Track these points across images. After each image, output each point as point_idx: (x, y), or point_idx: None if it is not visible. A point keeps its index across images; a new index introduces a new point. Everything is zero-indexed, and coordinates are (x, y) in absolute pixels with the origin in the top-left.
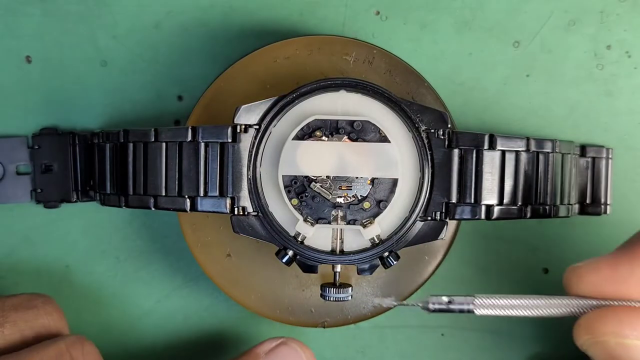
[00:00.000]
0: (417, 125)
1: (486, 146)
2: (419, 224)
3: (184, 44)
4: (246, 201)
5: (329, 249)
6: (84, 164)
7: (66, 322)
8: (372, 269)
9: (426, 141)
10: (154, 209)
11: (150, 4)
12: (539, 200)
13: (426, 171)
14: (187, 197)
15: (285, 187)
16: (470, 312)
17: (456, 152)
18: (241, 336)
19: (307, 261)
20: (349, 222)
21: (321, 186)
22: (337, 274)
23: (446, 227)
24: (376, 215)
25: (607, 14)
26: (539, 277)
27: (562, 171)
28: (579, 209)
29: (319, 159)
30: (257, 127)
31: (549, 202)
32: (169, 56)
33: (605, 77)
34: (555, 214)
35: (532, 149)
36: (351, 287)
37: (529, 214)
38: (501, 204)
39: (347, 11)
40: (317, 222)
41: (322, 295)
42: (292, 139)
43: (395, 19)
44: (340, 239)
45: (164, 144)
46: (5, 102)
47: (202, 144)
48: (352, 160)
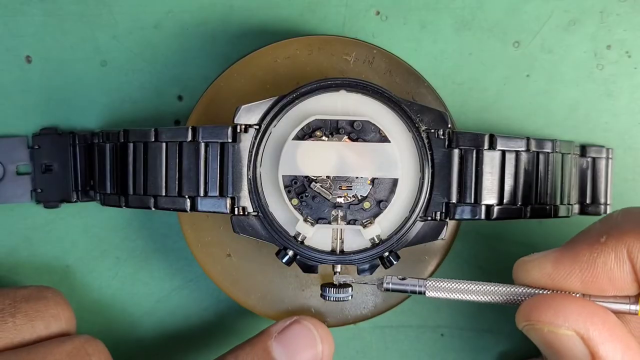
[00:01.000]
0: (417, 125)
1: (486, 146)
2: (419, 224)
3: (184, 44)
4: (246, 201)
5: (329, 249)
6: (84, 164)
7: (73, 314)
8: (372, 269)
9: (426, 141)
10: (154, 209)
11: (150, 4)
12: (539, 200)
13: (426, 171)
14: (187, 197)
15: (285, 187)
16: (421, 294)
17: (456, 152)
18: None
19: (307, 261)
20: (349, 222)
21: (321, 186)
22: (338, 274)
23: (446, 227)
24: (376, 215)
25: (607, 14)
26: None
27: (562, 171)
28: (579, 209)
29: (319, 159)
30: (257, 127)
31: (549, 202)
32: (169, 56)
33: (605, 77)
34: (555, 214)
35: (532, 149)
36: (351, 287)
37: (529, 214)
38: (501, 204)
39: (347, 11)
40: (317, 222)
41: (322, 295)
42: (292, 139)
43: (395, 19)
44: (340, 239)
45: (164, 144)
46: (5, 102)
47: (202, 144)
48: (352, 160)
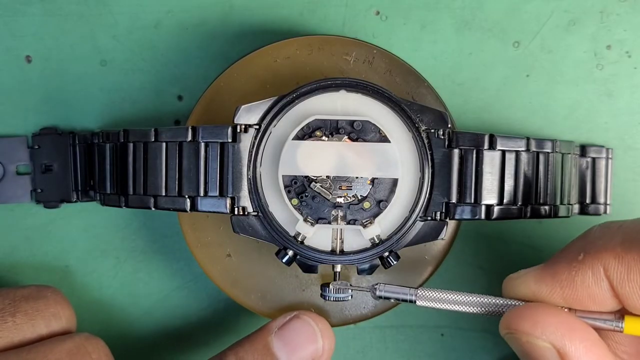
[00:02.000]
0: (417, 125)
1: (486, 146)
2: (419, 224)
3: (184, 44)
4: (246, 201)
5: (329, 249)
6: (84, 164)
7: (74, 312)
8: (372, 269)
9: (426, 141)
10: (154, 209)
11: (150, 4)
12: (539, 200)
13: (426, 171)
14: (187, 197)
15: (285, 187)
16: (412, 302)
17: (456, 152)
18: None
19: (307, 261)
20: (349, 222)
21: (321, 186)
22: (337, 274)
23: (446, 227)
24: (376, 215)
25: (607, 14)
26: None
27: (562, 171)
28: (579, 209)
29: (319, 159)
30: (257, 127)
31: (549, 202)
32: (169, 56)
33: (605, 77)
34: (555, 214)
35: (532, 149)
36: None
37: (529, 214)
38: (501, 203)
39: (347, 11)
40: (317, 222)
41: (322, 295)
42: (292, 139)
43: (395, 19)
44: (340, 239)
45: (164, 144)
46: (5, 102)
47: (202, 144)
48: (352, 160)
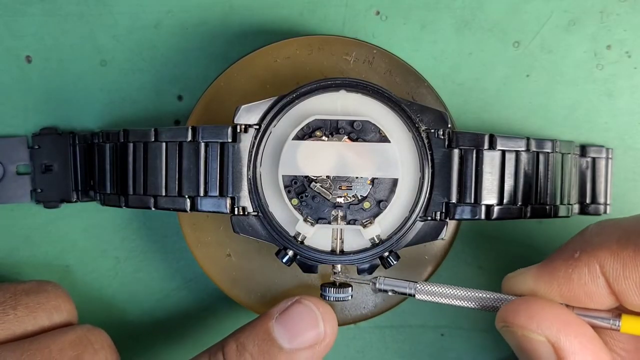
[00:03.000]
0: (417, 125)
1: (486, 146)
2: (419, 224)
3: (184, 44)
4: (246, 201)
5: (329, 249)
6: (84, 164)
7: (74, 306)
8: (372, 269)
9: (426, 141)
10: (154, 209)
11: (150, 4)
12: (539, 200)
13: (426, 171)
14: (187, 197)
15: (285, 187)
16: (411, 296)
17: (456, 152)
18: None
19: (307, 261)
20: (349, 222)
21: (321, 186)
22: (338, 272)
23: (446, 227)
24: (376, 215)
25: (607, 14)
26: None
27: (562, 171)
28: (579, 209)
29: (319, 159)
30: (257, 127)
31: (549, 202)
32: (169, 56)
33: (605, 77)
34: (555, 214)
35: (532, 149)
36: (351, 287)
37: (529, 214)
38: (501, 203)
39: (347, 11)
40: (317, 222)
41: (322, 295)
42: (292, 139)
43: (395, 19)
44: (340, 239)
45: (164, 144)
46: (5, 102)
47: (202, 144)
48: (352, 160)
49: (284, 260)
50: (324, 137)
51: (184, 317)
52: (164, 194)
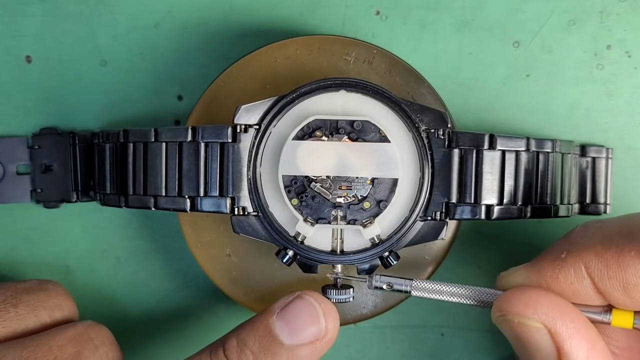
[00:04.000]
0: (417, 125)
1: (486, 146)
2: (419, 224)
3: (184, 44)
4: (246, 201)
5: (329, 249)
6: (84, 164)
7: (75, 304)
8: (372, 269)
9: (426, 141)
10: (154, 209)
11: (150, 4)
12: (539, 200)
13: (426, 171)
14: (187, 197)
15: (285, 187)
16: (407, 293)
17: (456, 152)
18: None
19: (307, 261)
20: (349, 222)
21: (321, 186)
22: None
23: (446, 227)
24: (376, 215)
25: (607, 14)
26: None
27: (562, 171)
28: (579, 209)
29: (319, 159)
30: (257, 127)
31: (549, 201)
32: (169, 56)
33: (605, 77)
34: (555, 214)
35: (532, 148)
36: (352, 289)
37: (529, 214)
38: (501, 203)
39: (347, 11)
40: (317, 222)
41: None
42: (292, 139)
43: (395, 19)
44: (340, 239)
45: (164, 144)
46: (5, 102)
47: (202, 144)
48: (352, 160)
49: (284, 260)
50: (324, 137)
51: (184, 317)
52: (164, 194)
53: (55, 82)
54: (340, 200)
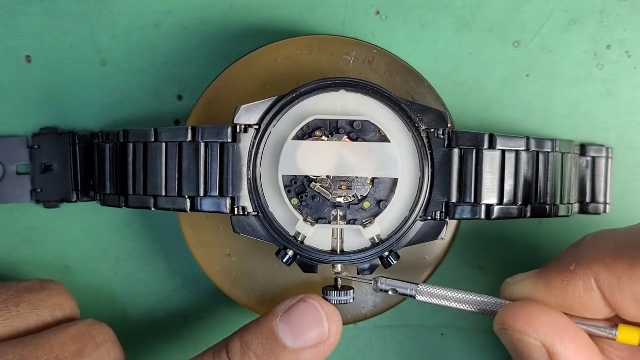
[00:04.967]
0: (417, 125)
1: (486, 146)
2: (419, 224)
3: (184, 44)
4: (246, 201)
5: (329, 248)
6: (84, 164)
7: (77, 303)
8: (372, 268)
9: (426, 141)
10: (154, 209)
11: (150, 4)
12: (539, 199)
13: (426, 171)
14: (187, 197)
15: (285, 187)
16: (412, 298)
17: (456, 151)
18: None
19: (308, 261)
20: (349, 222)
21: (321, 186)
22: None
23: (446, 226)
24: (376, 215)
25: (607, 14)
26: None
27: (562, 170)
28: (579, 208)
29: (319, 159)
30: (257, 127)
31: (549, 201)
32: (169, 56)
33: (605, 77)
34: (555, 214)
35: (532, 148)
36: (353, 290)
37: (529, 214)
38: (501, 203)
39: (347, 11)
40: (317, 222)
41: (324, 298)
42: (292, 139)
43: (395, 19)
44: (340, 239)
45: (164, 144)
46: (5, 102)
47: (202, 144)
48: (352, 160)
49: (284, 260)
50: (324, 137)
51: (184, 317)
52: (164, 194)
53: (55, 82)
54: (340, 200)
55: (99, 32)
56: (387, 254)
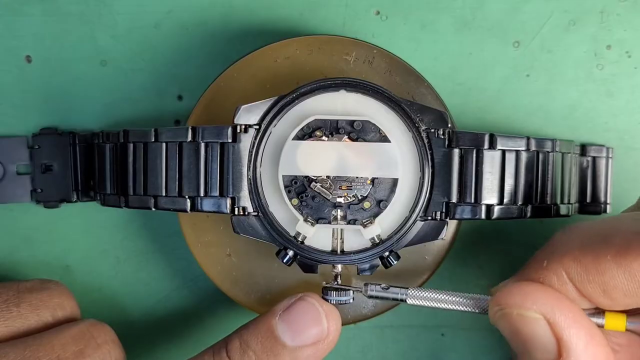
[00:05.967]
0: (417, 124)
1: (486, 146)
2: (419, 224)
3: (184, 44)
4: (246, 201)
5: (329, 248)
6: (84, 164)
7: (77, 304)
8: (372, 268)
9: (426, 141)
10: (154, 210)
11: (150, 4)
12: (539, 199)
13: (426, 171)
14: (187, 197)
15: (285, 187)
16: (403, 301)
17: (456, 151)
18: None
19: (308, 261)
20: (349, 222)
21: (321, 186)
22: (339, 275)
23: (446, 226)
24: (376, 215)
25: (607, 14)
26: None
27: (562, 170)
28: (579, 208)
29: (319, 159)
30: (257, 127)
31: (549, 201)
32: (169, 56)
33: (605, 77)
34: (555, 213)
35: (532, 148)
36: (352, 290)
37: (529, 214)
38: (501, 203)
39: (347, 11)
40: (317, 222)
41: (323, 298)
42: (292, 139)
43: (395, 19)
44: (340, 239)
45: (164, 144)
46: (5, 102)
47: (203, 144)
48: (352, 160)
49: (285, 260)
50: (324, 137)
51: (184, 317)
52: (164, 194)
53: (55, 82)
54: (340, 200)
55: (99, 32)
56: (387, 254)
